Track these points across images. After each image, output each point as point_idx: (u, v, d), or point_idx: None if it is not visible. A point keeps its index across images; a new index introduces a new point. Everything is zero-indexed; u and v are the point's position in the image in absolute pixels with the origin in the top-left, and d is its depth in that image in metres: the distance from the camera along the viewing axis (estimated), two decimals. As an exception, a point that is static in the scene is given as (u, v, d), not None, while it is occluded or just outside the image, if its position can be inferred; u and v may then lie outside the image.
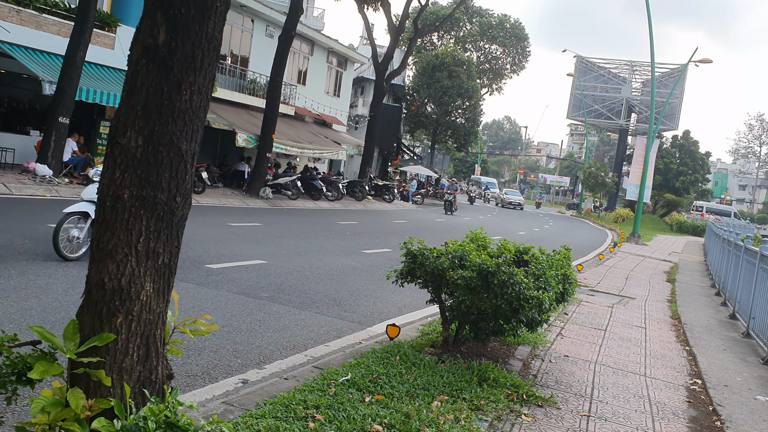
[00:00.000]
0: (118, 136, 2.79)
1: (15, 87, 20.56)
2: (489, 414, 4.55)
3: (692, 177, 57.99)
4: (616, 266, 17.63)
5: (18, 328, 5.10)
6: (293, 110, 29.34)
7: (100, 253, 2.79)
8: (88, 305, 2.80)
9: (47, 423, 2.52)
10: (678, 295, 13.17)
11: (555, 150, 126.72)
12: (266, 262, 10.13)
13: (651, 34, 28.05)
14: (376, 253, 13.31)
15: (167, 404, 2.59)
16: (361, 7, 31.86)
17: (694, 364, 7.49)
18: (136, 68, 2.80)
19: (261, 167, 23.44)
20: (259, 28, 27.98)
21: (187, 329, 3.07)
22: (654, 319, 10.24)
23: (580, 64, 63.65)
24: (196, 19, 2.78)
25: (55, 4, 18.68)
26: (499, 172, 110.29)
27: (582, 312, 9.73)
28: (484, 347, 6.36)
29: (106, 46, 20.03)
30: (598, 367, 6.63)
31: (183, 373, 4.76)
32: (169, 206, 2.83)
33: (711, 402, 5.97)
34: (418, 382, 4.83)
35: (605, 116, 64.43)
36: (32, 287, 6.51)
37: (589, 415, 5.04)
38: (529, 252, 6.14)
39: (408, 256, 5.83)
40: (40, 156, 16.54)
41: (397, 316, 7.78)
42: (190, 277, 8.08)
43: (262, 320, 6.67)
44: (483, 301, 5.39)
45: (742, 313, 10.38)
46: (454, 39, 54.87)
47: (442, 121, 44.79)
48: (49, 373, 2.66)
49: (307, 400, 4.15)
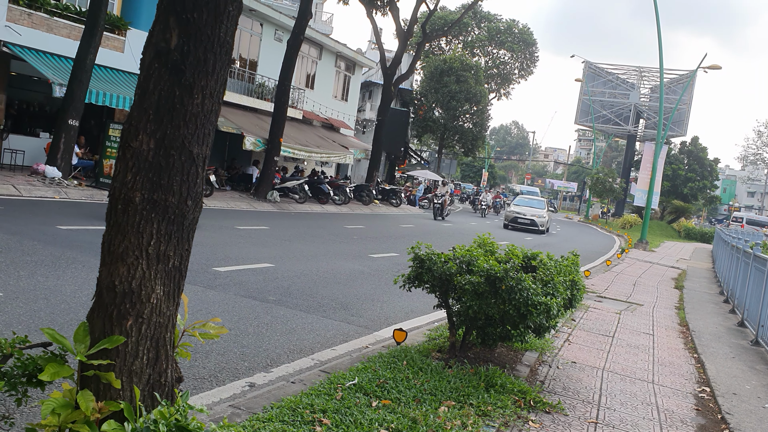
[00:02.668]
0: (130, 139, 2.80)
1: (25, 89, 20.71)
2: (496, 420, 4.54)
3: (700, 183, 57.75)
4: (624, 272, 17.56)
5: (27, 329, 5.13)
6: (301, 114, 29.42)
7: (111, 255, 2.80)
8: (98, 308, 2.82)
9: (57, 425, 2.54)
10: (686, 302, 13.10)
11: (562, 155, 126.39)
12: (273, 265, 10.14)
13: (660, 39, 27.98)
14: (383, 257, 13.31)
15: (177, 407, 2.59)
16: (369, 12, 31.92)
17: (703, 371, 7.45)
18: (149, 72, 2.81)
19: (269, 171, 23.49)
20: (268, 33, 28.08)
21: (196, 332, 3.07)
22: (662, 326, 10.19)
23: (589, 70, 63.49)
24: (208, 24, 2.80)
25: (66, 8, 18.81)
26: (507, 177, 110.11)
27: (589, 318, 9.70)
28: (491, 353, 6.35)
29: (116, 49, 20.14)
30: (606, 373, 6.61)
31: (190, 375, 4.77)
32: (180, 209, 2.85)
33: (719, 410, 5.93)
34: (425, 387, 4.82)
35: (613, 122, 64.23)
36: (41, 289, 6.54)
37: (597, 422, 5.02)
38: (537, 257, 6.13)
39: (415, 261, 5.83)
40: (49, 158, 16.64)
41: (404, 321, 7.77)
42: (198, 280, 8.10)
43: (269, 323, 6.68)
44: (491, 306, 5.38)
45: (751, 321, 10.31)
46: (462, 44, 54.92)
47: (450, 125, 44.79)
48: (59, 375, 2.68)
49: (314, 404, 4.15)
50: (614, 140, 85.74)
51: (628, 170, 62.82)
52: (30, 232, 9.73)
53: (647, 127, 63.88)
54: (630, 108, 63.00)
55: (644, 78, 64.34)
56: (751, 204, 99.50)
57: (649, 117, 63.00)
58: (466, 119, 45.41)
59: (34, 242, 8.90)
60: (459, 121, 45.05)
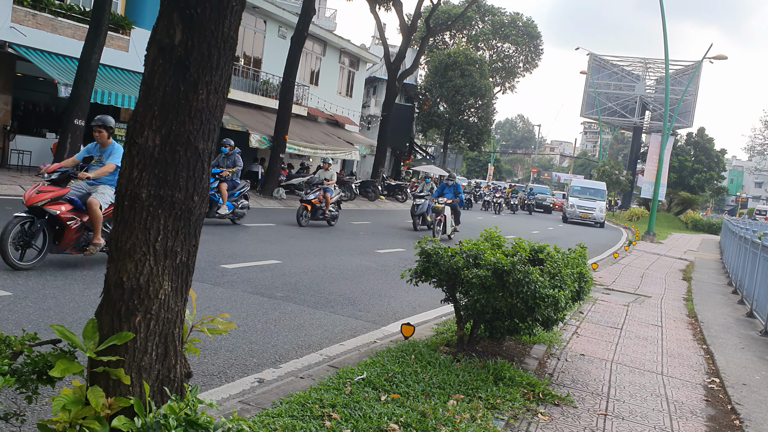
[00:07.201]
0: (136, 135, 2.80)
1: (31, 90, 20.77)
2: (505, 413, 4.54)
3: (707, 174, 57.53)
4: (632, 264, 17.51)
5: (37, 327, 5.15)
6: (306, 111, 29.41)
7: (119, 252, 2.81)
8: (106, 304, 2.82)
9: (68, 421, 2.55)
10: (694, 294, 13.06)
11: (568, 148, 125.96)
12: (280, 262, 10.16)
13: (665, 30, 27.83)
14: (389, 252, 13.31)
15: (187, 402, 2.60)
16: (373, 7, 31.86)
17: (712, 362, 7.43)
18: (153, 68, 2.81)
19: (274, 168, 23.52)
20: (271, 30, 28.07)
21: (205, 328, 3.08)
22: (670, 317, 10.16)
23: (594, 62, 63.29)
24: (212, 19, 2.79)
25: (70, 8, 18.85)
26: (513, 171, 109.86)
27: (597, 311, 9.68)
28: (499, 346, 6.34)
29: (121, 48, 20.18)
30: (615, 365, 6.59)
31: (199, 372, 4.79)
32: (187, 205, 2.85)
33: (729, 401, 5.91)
34: (434, 381, 4.82)
35: (619, 114, 64.02)
36: (50, 287, 6.57)
37: (606, 414, 5.01)
38: (544, 250, 6.11)
39: (422, 255, 5.83)
40: (56, 158, 16.69)
41: (411, 315, 7.77)
42: (206, 277, 8.12)
43: (277, 320, 6.69)
44: (498, 299, 5.38)
45: (760, 311, 10.27)
46: (467, 38, 54.71)
47: (455, 120, 44.68)
48: (69, 372, 2.69)
49: (323, 399, 4.15)
50: (620, 132, 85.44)
51: (635, 162, 62.64)
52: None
53: (653, 119, 63.65)
54: (636, 100, 62.78)
55: (649, 69, 64.10)
56: (758, 195, 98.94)
57: (654, 108, 62.77)
58: (471, 113, 45.28)
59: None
60: (464, 116, 44.92)
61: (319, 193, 16.41)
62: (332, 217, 17.03)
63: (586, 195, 32.69)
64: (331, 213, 16.88)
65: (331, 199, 16.67)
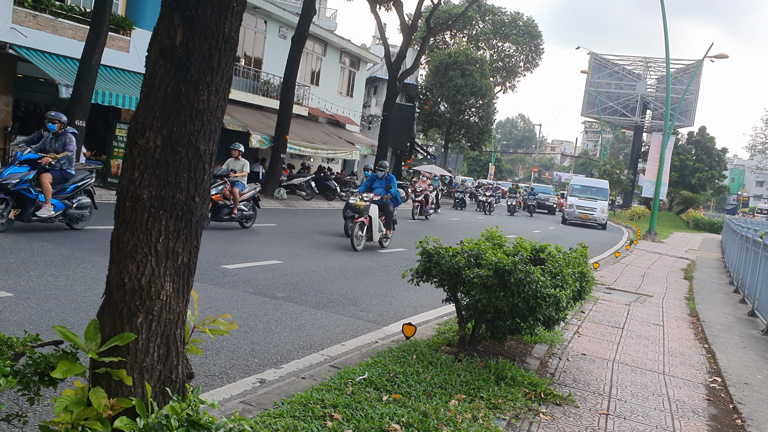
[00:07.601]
0: (137, 136, 2.81)
1: (32, 91, 20.76)
2: (507, 413, 4.54)
3: (708, 173, 57.48)
4: (633, 264, 17.50)
5: (39, 329, 5.16)
6: (306, 111, 29.42)
7: (120, 253, 2.81)
8: (108, 305, 2.83)
9: (70, 422, 2.55)
10: (696, 293, 13.05)
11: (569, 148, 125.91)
12: (282, 262, 10.16)
13: (665, 29, 27.80)
14: (390, 252, 13.30)
15: (189, 402, 2.60)
16: (373, 7, 31.83)
17: (714, 361, 7.42)
18: (154, 69, 2.82)
19: (275, 168, 23.53)
20: (272, 30, 28.08)
21: (206, 329, 3.08)
22: (672, 316, 10.15)
23: (594, 61, 63.25)
24: (212, 20, 2.79)
25: (71, 9, 18.85)
26: (514, 171, 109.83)
27: (599, 310, 9.67)
28: (500, 346, 6.34)
29: (122, 49, 20.18)
30: (616, 365, 6.59)
31: (201, 372, 4.79)
32: (188, 206, 2.85)
33: (731, 400, 5.91)
34: (435, 380, 4.82)
35: (620, 113, 63.98)
36: (51, 289, 6.57)
37: (608, 413, 5.01)
38: (546, 250, 6.11)
39: (424, 255, 5.83)
40: (57, 159, 16.69)
41: (412, 315, 7.77)
42: (207, 278, 8.12)
43: (278, 320, 6.70)
44: (499, 299, 5.38)
45: (762, 310, 10.26)
46: (467, 37, 54.68)
47: (456, 120, 44.67)
48: (71, 373, 2.69)
49: (325, 399, 4.16)
50: (621, 131, 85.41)
51: (636, 161, 62.60)
52: (39, 233, 9.78)
53: (654, 118, 63.60)
54: (636, 99, 62.75)
55: (650, 68, 64.06)
56: (759, 193, 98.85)
57: (655, 107, 62.74)
58: (471, 113, 45.28)
59: (44, 243, 8.96)
60: (465, 115, 44.92)
61: (224, 187, 13.22)
62: (245, 218, 14.02)
63: (587, 194, 31.40)
64: (243, 213, 13.81)
65: (242, 195, 13.62)
